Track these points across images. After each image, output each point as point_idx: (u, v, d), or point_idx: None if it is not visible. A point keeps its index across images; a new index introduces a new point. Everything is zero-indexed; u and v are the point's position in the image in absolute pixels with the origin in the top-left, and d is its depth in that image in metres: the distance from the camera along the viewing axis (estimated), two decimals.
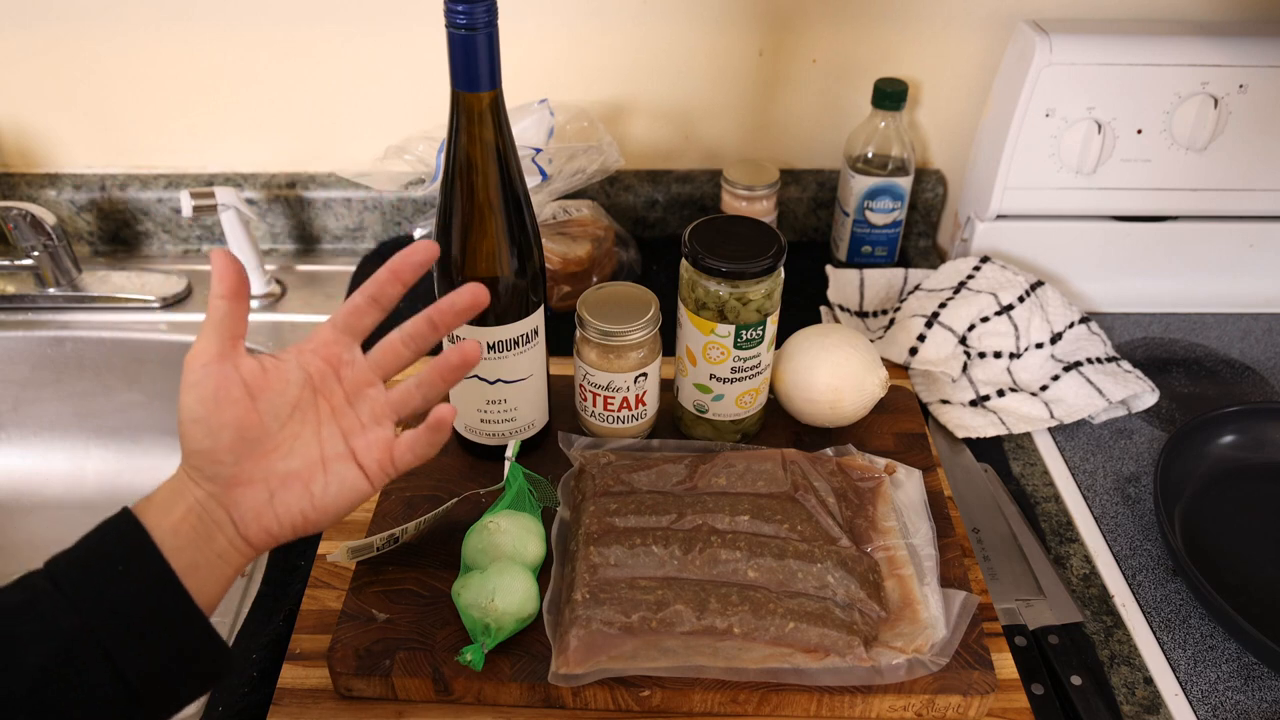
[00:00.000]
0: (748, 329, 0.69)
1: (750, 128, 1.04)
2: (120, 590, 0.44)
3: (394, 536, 0.66)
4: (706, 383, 0.73)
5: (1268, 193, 0.97)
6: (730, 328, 0.69)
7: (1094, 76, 0.89)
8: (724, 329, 0.69)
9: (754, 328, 0.70)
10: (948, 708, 0.59)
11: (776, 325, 0.72)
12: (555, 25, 0.97)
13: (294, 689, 0.61)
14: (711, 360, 0.72)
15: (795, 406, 0.78)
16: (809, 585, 0.62)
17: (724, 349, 0.70)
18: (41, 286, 0.98)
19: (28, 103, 1.01)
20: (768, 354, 0.73)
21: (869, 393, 0.76)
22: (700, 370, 0.73)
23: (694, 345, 0.72)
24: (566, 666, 0.58)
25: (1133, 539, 0.75)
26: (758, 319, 0.69)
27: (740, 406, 0.74)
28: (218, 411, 0.47)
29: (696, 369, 0.73)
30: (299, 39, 0.97)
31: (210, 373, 0.48)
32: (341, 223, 1.07)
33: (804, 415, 0.78)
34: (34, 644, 0.42)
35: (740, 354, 0.71)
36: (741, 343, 0.70)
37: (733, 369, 0.72)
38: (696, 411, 0.75)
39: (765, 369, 0.74)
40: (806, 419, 0.78)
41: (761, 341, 0.71)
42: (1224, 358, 0.95)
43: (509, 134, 0.62)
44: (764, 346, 0.72)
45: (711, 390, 0.73)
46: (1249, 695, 0.64)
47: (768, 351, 0.73)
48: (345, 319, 0.53)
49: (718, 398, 0.74)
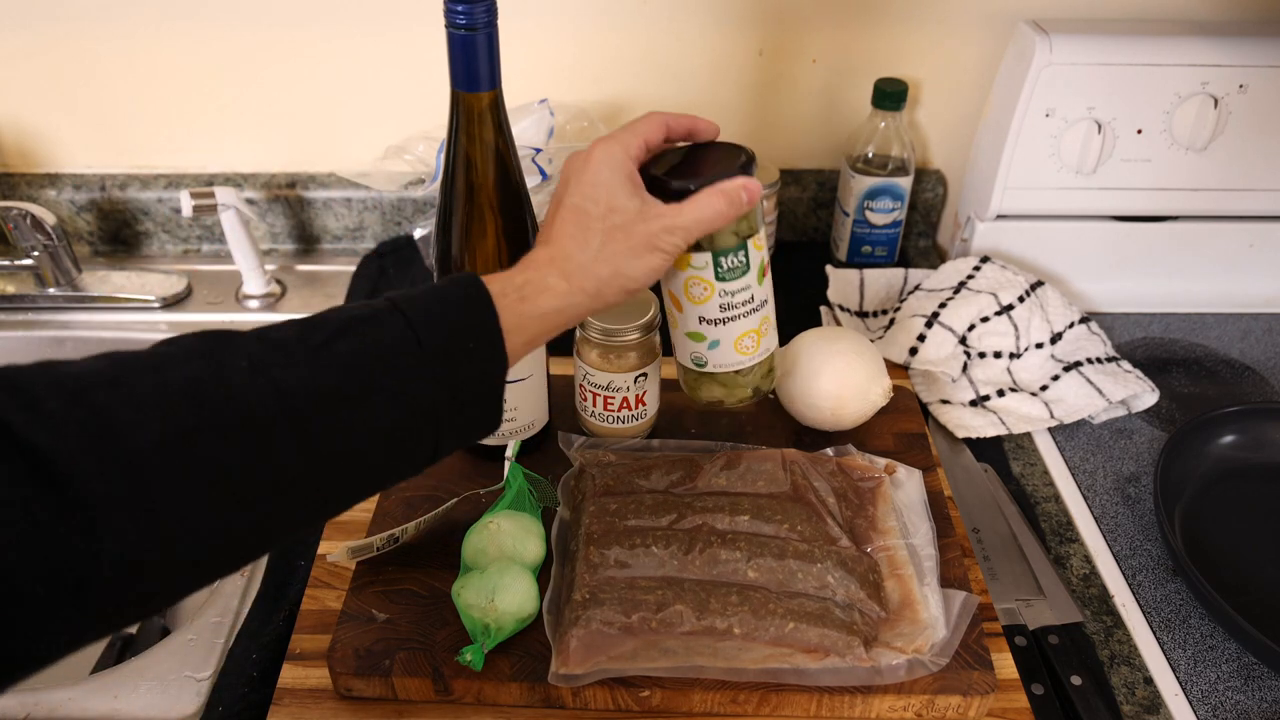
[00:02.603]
0: (726, 255, 0.61)
1: (750, 128, 1.04)
2: (466, 371, 0.47)
3: (394, 536, 0.66)
4: (698, 328, 0.65)
5: (1268, 193, 0.97)
6: (706, 256, 0.61)
7: (1094, 76, 0.89)
8: (700, 259, 0.61)
9: (733, 253, 0.61)
10: (948, 708, 0.59)
11: (765, 252, 0.64)
12: (555, 25, 0.97)
13: (294, 689, 0.61)
14: (696, 299, 0.63)
15: (796, 409, 0.78)
16: (809, 585, 0.62)
17: (705, 283, 0.62)
18: (41, 286, 0.98)
19: (28, 103, 1.01)
20: (761, 286, 0.64)
21: (871, 401, 0.76)
22: (688, 315, 0.64)
23: (675, 287, 0.64)
24: (566, 666, 0.58)
25: (1133, 539, 0.75)
26: (735, 242, 0.61)
27: (741, 352, 0.66)
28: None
29: (684, 315, 0.65)
30: (299, 39, 0.97)
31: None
32: (341, 223, 1.07)
33: (805, 419, 0.78)
34: (391, 399, 0.44)
35: (724, 287, 0.62)
36: (723, 272, 0.62)
37: (721, 306, 0.63)
38: (696, 366, 0.67)
39: (761, 305, 0.65)
40: (807, 422, 0.78)
41: (747, 270, 0.62)
42: (1224, 358, 0.95)
43: (509, 134, 0.62)
44: (752, 277, 0.63)
45: (705, 336, 0.65)
46: (1249, 695, 0.64)
47: (760, 283, 0.64)
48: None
49: (713, 344, 0.65)
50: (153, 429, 0.38)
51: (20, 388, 0.37)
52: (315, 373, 0.43)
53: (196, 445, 0.39)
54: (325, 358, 0.43)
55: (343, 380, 0.43)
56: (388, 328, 0.45)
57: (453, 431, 0.48)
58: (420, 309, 0.47)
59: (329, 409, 0.43)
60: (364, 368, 0.44)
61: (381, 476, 0.48)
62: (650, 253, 0.54)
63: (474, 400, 0.48)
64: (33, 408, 0.36)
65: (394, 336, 0.45)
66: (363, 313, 0.46)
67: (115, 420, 0.37)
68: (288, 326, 0.45)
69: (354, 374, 0.44)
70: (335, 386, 0.43)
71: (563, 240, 0.53)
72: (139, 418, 0.38)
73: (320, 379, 0.43)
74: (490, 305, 0.49)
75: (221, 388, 0.40)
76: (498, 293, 0.49)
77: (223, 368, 0.41)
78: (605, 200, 0.54)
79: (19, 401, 0.36)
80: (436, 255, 0.67)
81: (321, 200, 1.05)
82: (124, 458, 0.37)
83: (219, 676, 0.65)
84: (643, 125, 0.57)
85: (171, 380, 0.40)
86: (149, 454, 0.37)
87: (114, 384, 0.39)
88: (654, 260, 0.55)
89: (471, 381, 0.48)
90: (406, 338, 0.45)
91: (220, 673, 0.65)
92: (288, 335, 0.44)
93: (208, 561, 0.41)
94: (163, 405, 0.39)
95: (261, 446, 0.40)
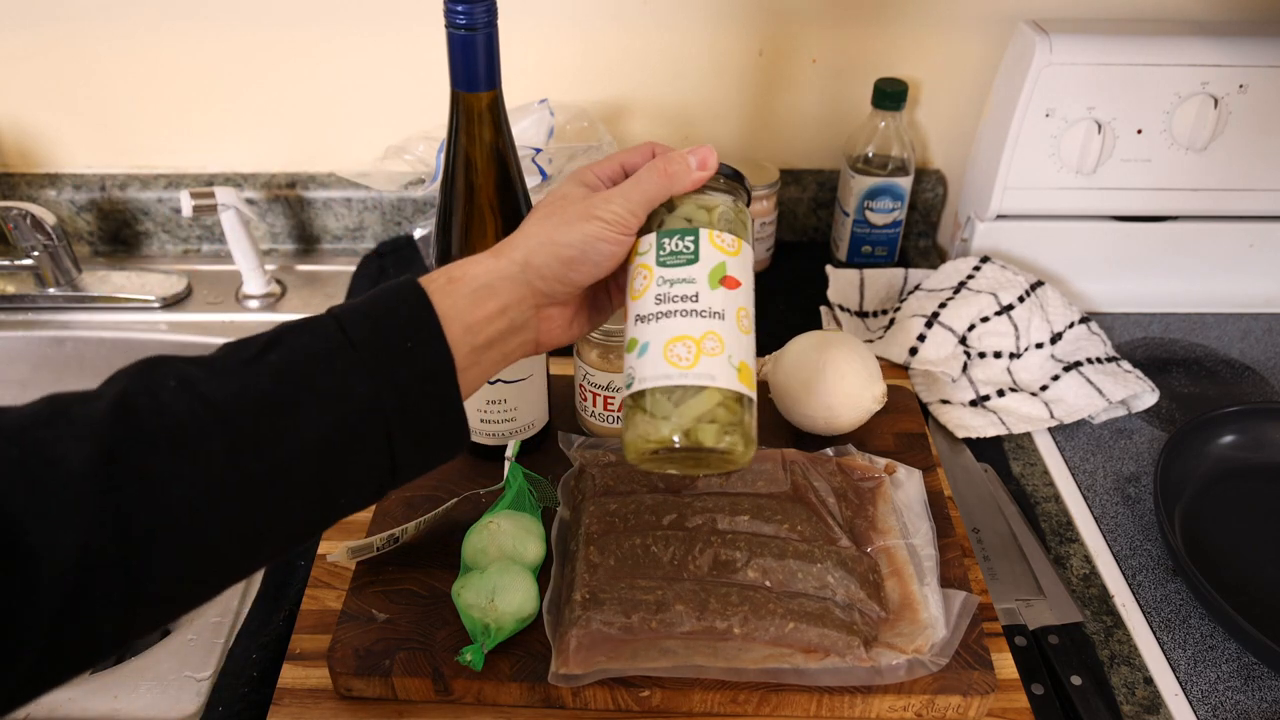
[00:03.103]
0: (671, 237, 0.53)
1: (750, 128, 1.04)
2: (408, 369, 0.45)
3: (394, 536, 0.66)
4: (634, 332, 0.53)
5: (1268, 193, 0.97)
6: (651, 237, 0.53)
7: (1094, 76, 0.89)
8: (645, 242, 0.53)
9: (679, 236, 0.52)
10: (948, 708, 0.59)
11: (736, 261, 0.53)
12: (555, 25, 0.97)
13: (294, 689, 0.61)
14: (635, 293, 0.53)
15: (790, 415, 0.77)
16: (809, 585, 0.62)
17: (646, 270, 0.53)
18: (41, 286, 0.98)
19: (28, 103, 1.01)
20: (711, 291, 0.52)
21: (864, 408, 0.76)
22: (630, 320, 0.54)
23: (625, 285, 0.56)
24: (566, 667, 0.58)
25: (1133, 539, 0.75)
26: (683, 225, 0.53)
27: (670, 361, 0.50)
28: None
29: (628, 323, 0.54)
30: (299, 39, 0.97)
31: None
32: (341, 223, 1.07)
33: (798, 423, 0.77)
34: (327, 401, 0.43)
35: (663, 274, 0.52)
36: (664, 255, 0.52)
37: (656, 297, 0.52)
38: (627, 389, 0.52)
39: (708, 313, 0.51)
40: (802, 427, 0.78)
41: (694, 261, 0.52)
42: (1224, 358, 0.95)
43: (509, 134, 0.62)
44: (700, 271, 0.52)
45: (637, 342, 0.52)
46: (1249, 695, 0.64)
47: (711, 287, 0.52)
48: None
49: (642, 350, 0.51)
50: (81, 452, 0.37)
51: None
52: (244, 384, 0.42)
53: (123, 460, 0.38)
54: (255, 368, 0.42)
55: (273, 388, 0.42)
56: (318, 333, 0.44)
57: (409, 438, 0.46)
58: (352, 311, 0.46)
59: (258, 416, 0.41)
60: (293, 374, 0.43)
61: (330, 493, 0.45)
62: (586, 220, 0.51)
63: (426, 399, 0.46)
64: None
65: (324, 339, 0.44)
66: (296, 324, 0.45)
67: (47, 452, 0.37)
68: (222, 348, 0.44)
69: (282, 381, 0.42)
70: (265, 394, 0.42)
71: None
72: (70, 446, 0.37)
73: (249, 389, 0.42)
74: (420, 293, 0.47)
75: (148, 402, 0.40)
76: (427, 281, 0.48)
77: (149, 386, 0.40)
78: (556, 194, 0.53)
79: None
80: (436, 255, 0.67)
81: (321, 200, 1.05)
82: (54, 485, 0.36)
83: (219, 676, 0.65)
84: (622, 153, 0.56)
85: (99, 406, 0.39)
86: (78, 476, 0.37)
87: (47, 422, 0.38)
88: (590, 227, 0.51)
89: (417, 377, 0.46)
90: (337, 339, 0.44)
91: (220, 673, 0.65)
92: (220, 354, 0.43)
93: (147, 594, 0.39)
94: (90, 429, 0.38)
95: (191, 457, 0.39)
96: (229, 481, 0.40)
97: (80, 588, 0.37)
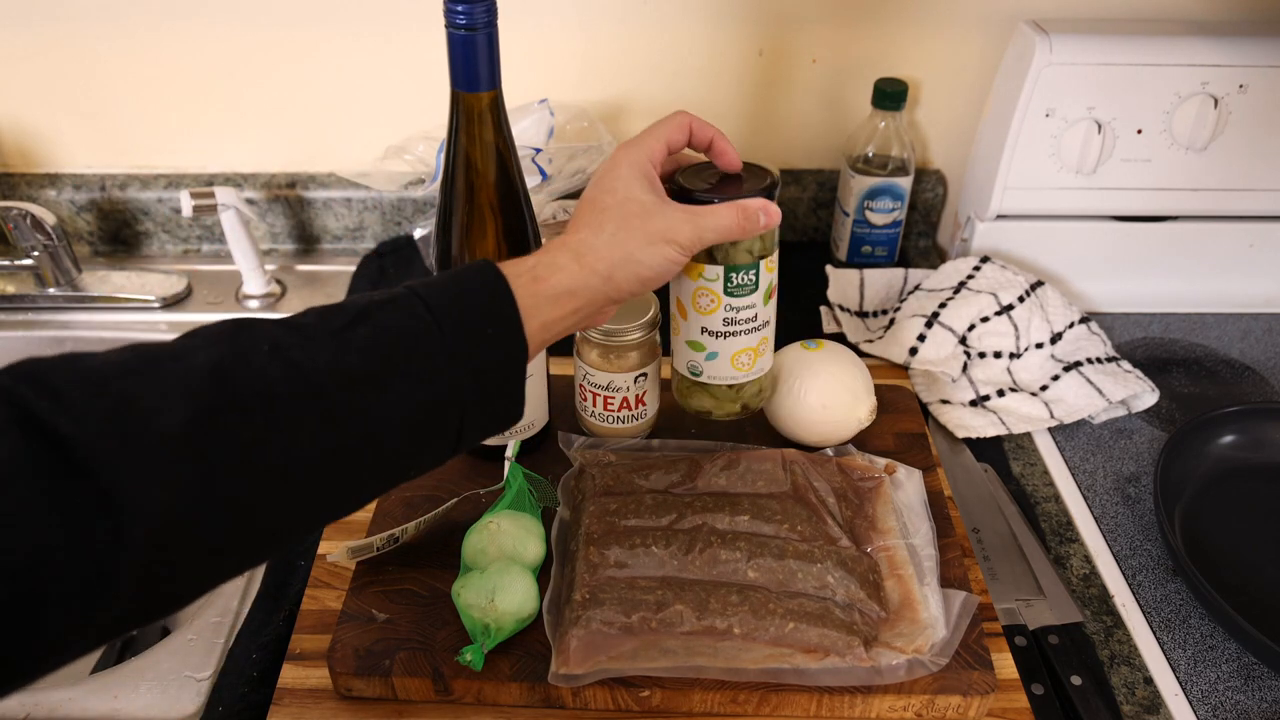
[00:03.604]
0: (739, 271, 0.64)
1: (750, 128, 1.04)
2: (487, 355, 0.48)
3: (394, 536, 0.66)
4: (699, 338, 0.67)
5: (1268, 193, 0.97)
6: (719, 269, 0.64)
7: (1094, 76, 0.89)
8: (713, 271, 0.64)
9: (745, 270, 0.64)
10: (948, 708, 0.59)
11: (775, 275, 0.67)
12: (555, 25, 0.97)
13: (294, 689, 0.61)
14: (702, 310, 0.66)
15: (782, 428, 0.77)
16: (809, 585, 0.62)
17: (714, 295, 0.65)
18: (41, 286, 0.98)
19: (28, 103, 1.01)
20: (765, 307, 0.67)
21: (854, 422, 0.75)
22: (692, 324, 0.67)
23: (684, 295, 0.67)
24: (566, 667, 0.58)
25: (1133, 539, 0.75)
26: (749, 260, 0.64)
27: (736, 368, 0.68)
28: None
29: (688, 323, 0.67)
30: (299, 39, 0.97)
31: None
32: (341, 223, 1.07)
33: (789, 435, 0.77)
34: (413, 382, 0.45)
35: (732, 301, 0.65)
36: (732, 287, 0.65)
37: (724, 320, 0.66)
38: (691, 375, 0.70)
39: (763, 326, 0.68)
40: (793, 439, 0.77)
41: (755, 289, 0.65)
42: (1224, 358, 0.95)
43: (509, 134, 0.62)
44: (759, 297, 0.66)
45: (704, 347, 0.68)
46: (1249, 695, 0.64)
47: (765, 304, 0.67)
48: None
49: (711, 355, 0.68)
50: (175, 411, 0.38)
51: (44, 379, 0.37)
52: (336, 355, 0.43)
53: (220, 425, 0.39)
54: (345, 340, 0.44)
55: (364, 363, 0.44)
56: (406, 313, 0.46)
57: (477, 419, 0.48)
58: (437, 294, 0.47)
59: (350, 389, 0.43)
60: (384, 351, 0.44)
61: (403, 465, 0.47)
62: (664, 244, 0.55)
63: (497, 385, 0.49)
64: (57, 398, 0.36)
65: (412, 321, 0.46)
66: (381, 298, 0.46)
67: (138, 406, 0.37)
68: (308, 313, 0.45)
69: (374, 357, 0.44)
70: (357, 368, 0.43)
71: (577, 227, 0.55)
72: (162, 403, 0.38)
73: (341, 361, 0.43)
74: (505, 286, 0.49)
75: (243, 368, 0.41)
76: (511, 274, 0.50)
77: (244, 350, 0.41)
78: (622, 191, 0.55)
79: (43, 392, 0.37)
80: (436, 255, 0.67)
81: (321, 200, 1.05)
82: (148, 441, 0.37)
83: (219, 676, 0.65)
84: (664, 128, 0.59)
85: (193, 365, 0.40)
86: (173, 436, 0.38)
87: (137, 372, 0.39)
88: (668, 251, 0.55)
89: (494, 366, 0.48)
90: (425, 321, 0.46)
91: (220, 673, 0.65)
92: (308, 320, 0.44)
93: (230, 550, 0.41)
94: (185, 388, 0.39)
95: (285, 424, 0.41)
96: (316, 451, 0.42)
97: (167, 543, 0.37)
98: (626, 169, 0.56)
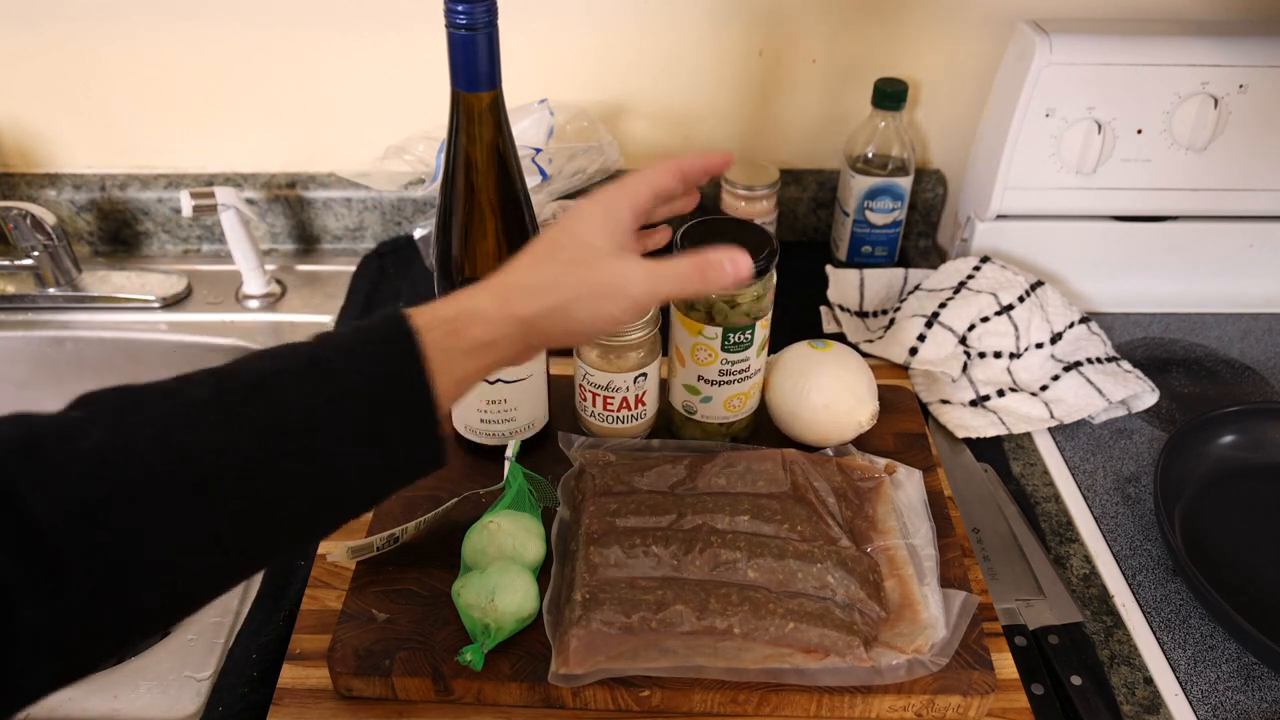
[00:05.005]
0: (735, 332, 0.69)
1: (750, 128, 1.04)
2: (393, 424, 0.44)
3: (394, 536, 0.66)
4: (695, 384, 0.73)
5: (1268, 193, 0.97)
6: (718, 330, 0.69)
7: (1094, 76, 0.89)
8: (711, 331, 0.69)
9: (742, 331, 0.69)
10: (948, 708, 0.59)
11: (768, 330, 0.72)
12: (555, 25, 0.97)
13: (294, 689, 0.61)
14: (699, 361, 0.71)
15: (782, 425, 0.77)
16: (809, 585, 0.62)
17: (711, 350, 0.70)
18: (41, 286, 0.98)
19: (28, 103, 1.01)
20: (758, 359, 0.72)
21: (854, 425, 0.75)
22: (689, 371, 0.72)
23: (683, 346, 0.71)
24: (566, 667, 0.58)
25: (1133, 539, 0.75)
26: (746, 322, 0.69)
27: (728, 410, 0.74)
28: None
29: (685, 369, 0.73)
30: (299, 39, 0.97)
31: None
32: (341, 223, 1.07)
33: (788, 432, 0.77)
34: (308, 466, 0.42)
35: (728, 356, 0.70)
36: (729, 345, 0.69)
37: (720, 371, 0.71)
38: (685, 412, 0.75)
39: (755, 374, 0.73)
40: (792, 436, 0.77)
41: (750, 345, 0.70)
42: (1224, 358, 0.95)
43: (509, 134, 0.62)
44: (753, 351, 0.71)
45: (699, 391, 0.73)
46: (1249, 695, 0.64)
47: (758, 356, 0.72)
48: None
49: (705, 399, 0.73)
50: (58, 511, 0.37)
51: None
52: (228, 438, 0.40)
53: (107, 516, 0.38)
54: (237, 421, 0.41)
55: (255, 445, 0.41)
56: (302, 386, 0.43)
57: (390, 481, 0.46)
58: (341, 360, 0.44)
59: (243, 480, 0.40)
60: (277, 432, 0.41)
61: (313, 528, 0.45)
62: (605, 298, 0.49)
63: (408, 452, 0.45)
64: None
65: (310, 400, 0.42)
66: (278, 366, 0.43)
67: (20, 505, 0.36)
68: (202, 383, 0.42)
69: (266, 439, 0.41)
70: (248, 452, 0.41)
71: (513, 264, 0.51)
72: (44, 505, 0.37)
73: (231, 444, 0.40)
74: (416, 348, 0.45)
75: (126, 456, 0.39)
76: (426, 326, 0.45)
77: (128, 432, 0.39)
78: (581, 234, 0.51)
79: None
80: (436, 255, 0.67)
81: (321, 200, 1.05)
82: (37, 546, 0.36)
83: (219, 676, 0.65)
84: (650, 172, 0.54)
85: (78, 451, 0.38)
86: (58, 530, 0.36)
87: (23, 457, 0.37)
88: (608, 308, 0.49)
89: (402, 434, 0.45)
90: (325, 395, 0.43)
91: (220, 673, 0.65)
92: (199, 395, 0.42)
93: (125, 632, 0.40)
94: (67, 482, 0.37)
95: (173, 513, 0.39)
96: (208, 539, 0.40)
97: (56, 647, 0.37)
98: (595, 211, 0.52)
